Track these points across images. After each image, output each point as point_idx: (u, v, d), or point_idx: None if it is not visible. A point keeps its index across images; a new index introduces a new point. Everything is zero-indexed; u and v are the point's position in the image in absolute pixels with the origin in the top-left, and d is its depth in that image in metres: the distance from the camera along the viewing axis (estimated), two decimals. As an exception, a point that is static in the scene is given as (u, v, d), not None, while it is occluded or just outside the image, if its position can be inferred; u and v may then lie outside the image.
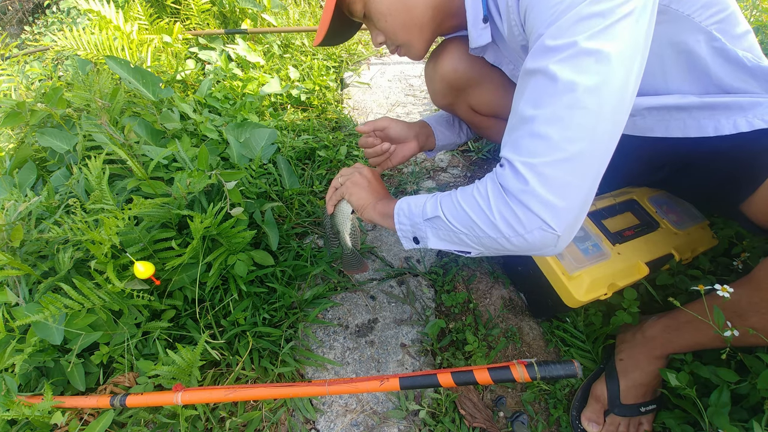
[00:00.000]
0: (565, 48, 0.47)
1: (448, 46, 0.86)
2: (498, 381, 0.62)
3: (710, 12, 0.60)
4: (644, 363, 0.77)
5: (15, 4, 3.27)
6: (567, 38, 0.47)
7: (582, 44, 0.46)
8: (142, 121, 1.15)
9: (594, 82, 0.46)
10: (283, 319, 1.00)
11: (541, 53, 0.50)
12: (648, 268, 0.79)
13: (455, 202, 0.59)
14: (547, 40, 0.49)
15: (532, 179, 0.49)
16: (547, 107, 0.49)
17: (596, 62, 0.46)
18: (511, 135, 0.54)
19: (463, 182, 1.38)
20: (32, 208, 0.88)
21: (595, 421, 0.78)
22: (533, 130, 0.50)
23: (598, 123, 0.47)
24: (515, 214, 0.51)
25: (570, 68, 0.47)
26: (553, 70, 0.48)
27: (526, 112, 0.51)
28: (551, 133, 0.48)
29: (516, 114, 0.54)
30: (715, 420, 0.63)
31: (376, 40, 0.78)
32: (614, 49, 0.46)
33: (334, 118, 1.69)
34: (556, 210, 0.49)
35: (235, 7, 2.07)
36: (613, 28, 0.46)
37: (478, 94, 0.91)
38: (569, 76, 0.47)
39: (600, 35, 0.46)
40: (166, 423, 0.82)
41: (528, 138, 0.50)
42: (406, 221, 0.68)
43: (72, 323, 0.79)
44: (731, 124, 0.62)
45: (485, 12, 0.68)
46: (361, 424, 0.85)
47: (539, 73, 0.50)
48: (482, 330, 0.97)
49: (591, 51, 0.46)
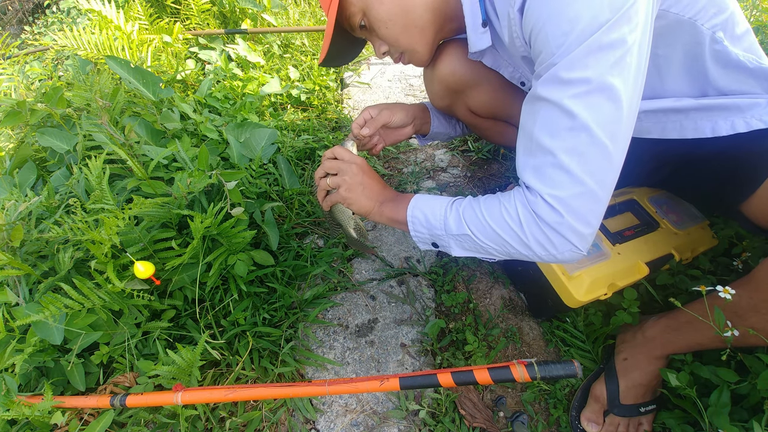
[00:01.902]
0: (578, 83, 0.50)
1: (446, 48, 0.86)
2: (498, 381, 0.62)
3: (710, 13, 0.59)
4: (644, 363, 0.77)
5: (15, 4, 3.27)
6: (580, 72, 0.50)
7: (594, 81, 0.49)
8: (143, 121, 1.15)
9: (607, 118, 0.51)
10: (283, 319, 1.00)
11: (555, 85, 0.52)
12: (648, 268, 0.79)
13: (482, 221, 0.63)
14: (561, 72, 0.51)
15: (566, 213, 0.55)
16: (565, 141, 0.53)
17: (608, 99, 0.50)
18: (531, 160, 0.58)
19: (463, 182, 1.38)
20: (32, 208, 0.88)
21: (594, 422, 0.78)
22: (555, 162, 0.54)
23: (612, 153, 0.53)
24: (550, 240, 0.57)
25: (584, 106, 0.51)
26: (568, 106, 0.51)
27: (544, 142, 0.55)
28: (573, 167, 0.53)
29: (531, 138, 0.57)
30: (715, 420, 0.64)
31: (379, 50, 0.78)
32: (624, 82, 0.50)
33: (334, 118, 1.69)
34: (584, 235, 0.57)
35: (235, 7, 2.07)
36: (623, 60, 0.49)
37: (476, 96, 0.91)
38: (584, 114, 0.51)
39: (612, 70, 0.49)
40: (166, 423, 0.82)
41: (551, 169, 0.55)
42: (423, 230, 0.70)
43: (72, 323, 0.79)
44: (729, 125, 0.62)
45: (484, 17, 0.68)
46: (361, 424, 0.85)
47: (553, 105, 0.53)
48: (482, 330, 0.97)
49: (603, 87, 0.50)
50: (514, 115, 0.97)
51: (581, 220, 0.55)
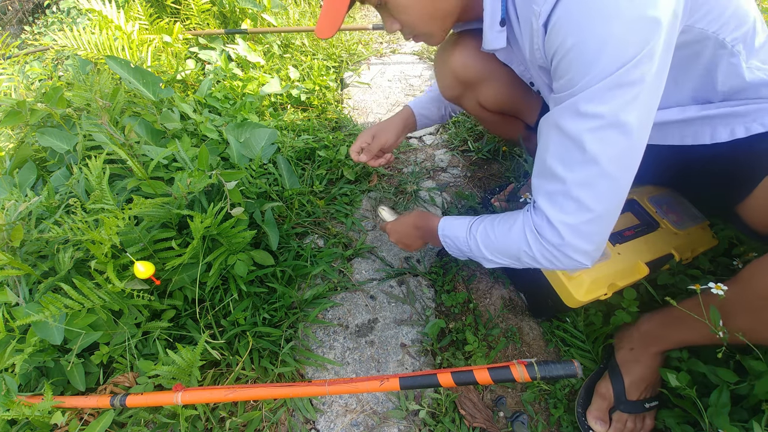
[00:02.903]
0: (594, 118, 0.52)
1: (460, 40, 0.85)
2: (498, 381, 0.62)
3: (732, 26, 0.57)
4: (643, 358, 0.77)
5: (15, 4, 3.27)
6: (597, 107, 0.51)
7: (609, 116, 0.51)
8: (143, 121, 1.15)
9: (618, 153, 0.53)
10: (283, 319, 1.00)
11: (572, 116, 0.54)
12: (648, 268, 0.79)
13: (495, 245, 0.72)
14: (580, 103, 0.52)
15: (568, 235, 0.59)
16: (576, 173, 0.56)
17: (620, 134, 0.52)
18: (544, 185, 0.62)
19: (463, 182, 1.38)
20: (32, 208, 0.88)
21: (601, 419, 0.79)
22: (566, 191, 0.58)
23: (621, 183, 0.56)
24: (556, 258, 0.63)
25: (597, 141, 0.53)
26: (582, 140, 0.53)
27: (556, 170, 0.58)
28: (582, 197, 0.56)
29: (544, 164, 0.60)
30: (715, 420, 0.63)
31: (391, 27, 0.75)
32: (638, 117, 0.51)
33: (334, 118, 1.69)
34: (589, 253, 0.61)
35: (235, 7, 2.07)
36: (639, 97, 0.50)
37: (486, 90, 0.91)
38: (596, 149, 0.53)
39: (627, 106, 0.50)
40: (166, 423, 0.82)
41: (562, 197, 0.59)
42: (457, 252, 0.82)
43: (72, 323, 0.79)
44: (728, 131, 0.62)
45: (503, 14, 0.66)
46: (361, 424, 0.85)
47: (568, 136, 0.55)
48: (482, 330, 0.97)
49: (618, 123, 0.51)
50: (523, 110, 0.98)
51: (586, 240, 0.59)
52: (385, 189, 1.37)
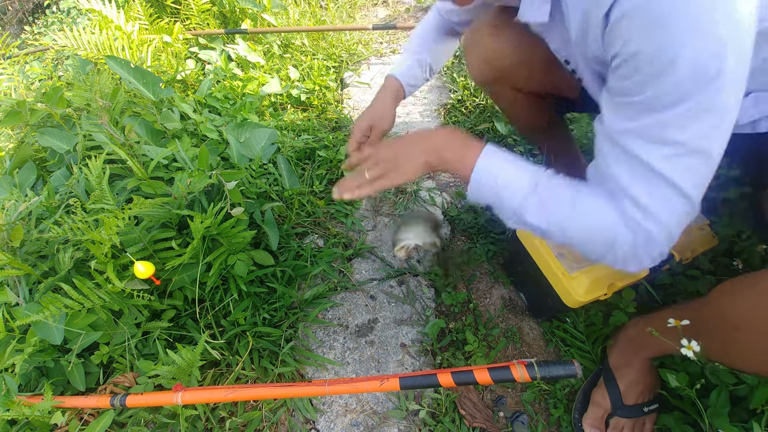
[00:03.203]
0: (672, 145, 0.47)
1: (495, 24, 0.80)
2: (498, 381, 0.62)
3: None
4: (635, 362, 0.77)
5: (15, 4, 3.27)
6: (676, 134, 0.46)
7: (690, 145, 0.46)
8: (143, 121, 1.15)
9: (700, 180, 0.49)
10: (283, 319, 1.00)
11: (644, 140, 0.49)
12: (647, 269, 0.79)
13: (571, 223, 0.58)
14: (653, 128, 0.48)
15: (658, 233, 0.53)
16: (657, 205, 0.51)
17: (702, 162, 0.48)
18: (638, 183, 0.53)
19: (463, 182, 1.38)
20: (32, 208, 0.88)
21: (597, 427, 0.78)
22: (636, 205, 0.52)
23: (697, 201, 0.51)
24: (630, 262, 0.56)
25: (677, 169, 0.48)
26: (659, 168, 0.48)
27: (632, 193, 0.52)
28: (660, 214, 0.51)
29: (612, 179, 0.54)
30: (715, 420, 0.64)
31: None
32: (720, 142, 0.47)
33: (334, 118, 1.69)
34: (654, 259, 0.56)
35: (235, 7, 2.07)
36: (722, 125, 0.46)
37: (521, 72, 0.85)
38: (675, 177, 0.48)
39: (710, 132, 0.46)
40: (166, 423, 0.82)
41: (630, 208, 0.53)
42: (489, 193, 0.62)
43: (72, 323, 0.79)
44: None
45: None
46: (361, 424, 0.85)
47: (642, 163, 0.50)
48: (482, 330, 0.97)
49: (699, 151, 0.47)
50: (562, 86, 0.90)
51: (650, 253, 0.55)
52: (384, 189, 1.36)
